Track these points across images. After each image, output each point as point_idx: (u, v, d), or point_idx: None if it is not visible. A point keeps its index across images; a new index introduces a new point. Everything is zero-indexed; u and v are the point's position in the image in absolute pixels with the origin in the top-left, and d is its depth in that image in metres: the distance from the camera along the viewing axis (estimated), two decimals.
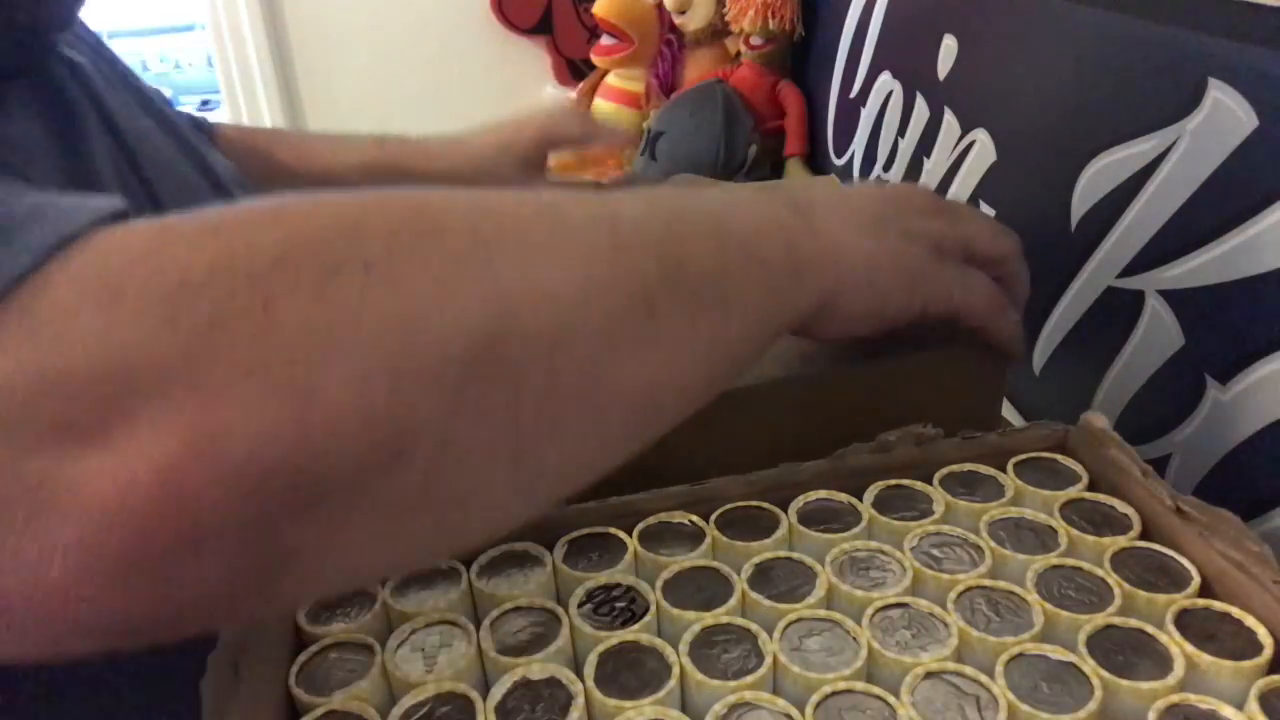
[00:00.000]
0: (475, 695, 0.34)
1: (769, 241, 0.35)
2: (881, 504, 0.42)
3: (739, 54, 1.13)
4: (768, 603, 0.37)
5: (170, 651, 0.39)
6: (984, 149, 0.66)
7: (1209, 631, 0.35)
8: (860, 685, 0.34)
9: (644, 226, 0.31)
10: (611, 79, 1.28)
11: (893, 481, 0.44)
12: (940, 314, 0.41)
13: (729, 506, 0.42)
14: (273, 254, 0.23)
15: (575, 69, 1.62)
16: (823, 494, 0.43)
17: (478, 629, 0.37)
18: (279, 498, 0.22)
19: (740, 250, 0.33)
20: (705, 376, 0.32)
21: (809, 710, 0.33)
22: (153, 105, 0.51)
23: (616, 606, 0.38)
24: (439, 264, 0.25)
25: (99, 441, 0.21)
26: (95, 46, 0.51)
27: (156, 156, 0.48)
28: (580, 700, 0.33)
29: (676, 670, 0.34)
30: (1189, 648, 0.34)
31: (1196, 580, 0.37)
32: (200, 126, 0.66)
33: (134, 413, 0.21)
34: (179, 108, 0.65)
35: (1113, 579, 0.37)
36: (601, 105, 1.28)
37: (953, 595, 0.37)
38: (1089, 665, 0.33)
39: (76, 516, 0.21)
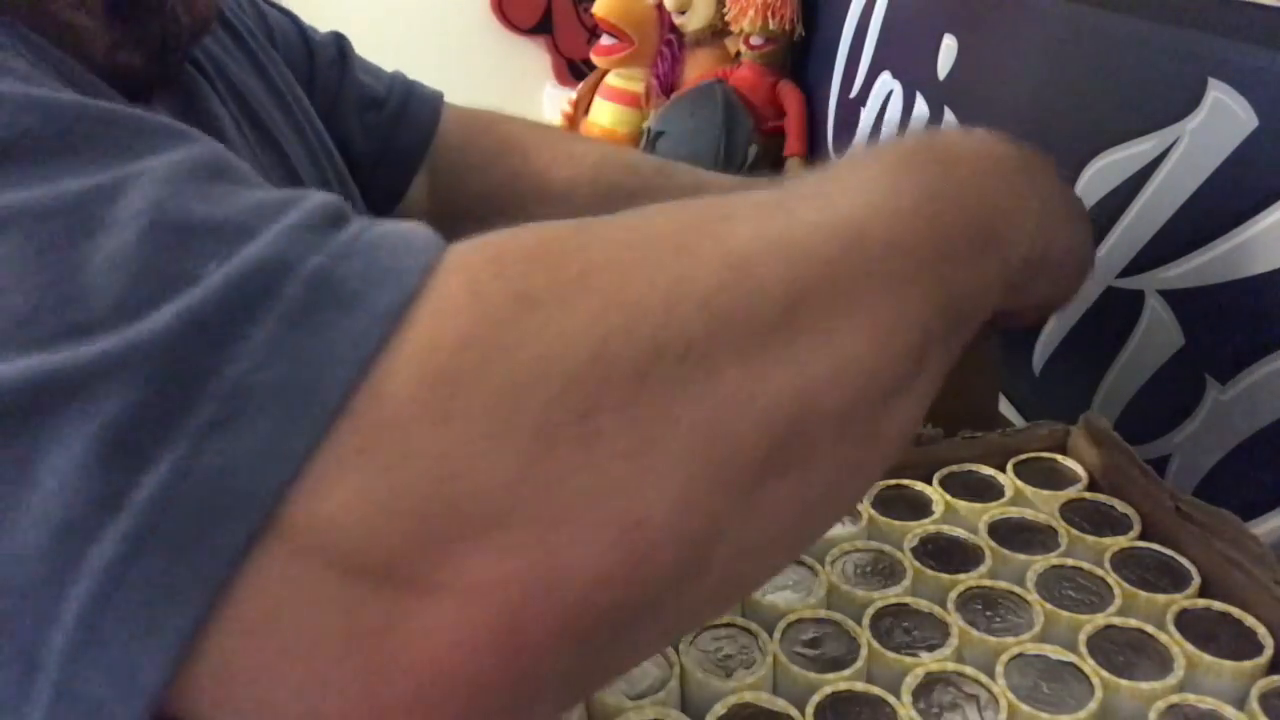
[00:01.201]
0: None
1: (1019, 244, 0.31)
2: (881, 504, 0.42)
3: (739, 54, 1.13)
4: (769, 603, 0.37)
5: None
6: None
7: (1209, 631, 0.35)
8: (860, 685, 0.34)
9: (924, 244, 0.26)
10: (611, 79, 1.28)
11: (893, 481, 0.44)
12: (1062, 306, 0.41)
13: None
14: (590, 339, 0.20)
15: (575, 69, 1.62)
16: None
17: None
18: (602, 641, 0.20)
19: (997, 258, 0.29)
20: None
21: (809, 710, 0.33)
22: (284, 99, 0.49)
23: None
24: (752, 340, 0.21)
25: (431, 586, 0.18)
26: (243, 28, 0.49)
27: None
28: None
29: (677, 670, 0.34)
30: (1189, 648, 0.34)
31: (1196, 580, 0.37)
32: (420, 98, 0.62)
33: (466, 554, 0.18)
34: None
35: (1113, 579, 0.37)
36: (601, 105, 1.28)
37: (953, 595, 0.37)
38: (1089, 665, 0.33)
39: (414, 672, 0.19)
